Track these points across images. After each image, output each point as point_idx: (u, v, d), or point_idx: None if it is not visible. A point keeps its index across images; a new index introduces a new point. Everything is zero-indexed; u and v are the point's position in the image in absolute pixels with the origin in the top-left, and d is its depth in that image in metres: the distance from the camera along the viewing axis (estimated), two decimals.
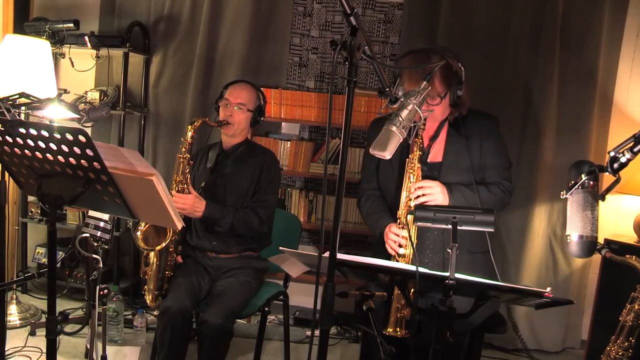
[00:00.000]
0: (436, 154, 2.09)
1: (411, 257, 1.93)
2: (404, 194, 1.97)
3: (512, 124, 3.23)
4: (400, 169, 2.04)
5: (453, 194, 1.98)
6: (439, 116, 2.05)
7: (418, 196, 1.93)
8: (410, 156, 1.97)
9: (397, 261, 1.95)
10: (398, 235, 1.96)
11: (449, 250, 1.41)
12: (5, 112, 1.75)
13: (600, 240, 1.76)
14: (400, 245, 1.95)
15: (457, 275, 1.37)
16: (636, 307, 1.69)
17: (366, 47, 1.21)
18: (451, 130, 2.08)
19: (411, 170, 1.96)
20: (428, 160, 2.07)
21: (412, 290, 1.71)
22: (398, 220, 1.99)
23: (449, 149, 2.07)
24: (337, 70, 3.55)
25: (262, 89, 2.69)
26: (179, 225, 1.62)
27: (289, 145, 3.51)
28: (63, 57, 3.42)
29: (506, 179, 2.11)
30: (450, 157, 2.06)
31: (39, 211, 3.56)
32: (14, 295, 3.23)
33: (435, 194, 1.94)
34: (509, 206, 2.19)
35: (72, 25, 3.29)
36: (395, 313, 1.83)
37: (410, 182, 1.95)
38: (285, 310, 2.72)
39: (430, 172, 2.05)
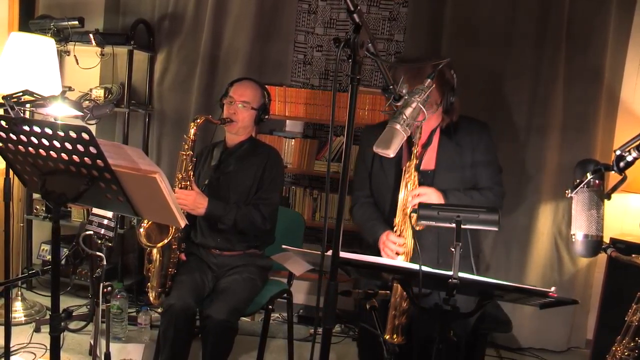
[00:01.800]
0: (428, 162, 2.11)
1: (412, 250, 1.95)
2: (400, 202, 1.98)
3: (517, 123, 3.21)
4: (396, 175, 2.07)
5: (449, 201, 2.00)
6: (432, 123, 2.08)
7: (415, 205, 1.94)
8: (407, 164, 1.99)
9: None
10: (395, 244, 1.97)
11: (452, 249, 1.40)
12: (9, 110, 1.75)
13: (606, 239, 1.75)
14: (397, 254, 1.97)
15: (461, 275, 1.36)
16: None
17: (370, 45, 1.20)
18: (443, 137, 2.10)
19: (408, 179, 1.97)
20: (421, 168, 2.08)
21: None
22: (395, 228, 2.00)
23: (441, 157, 2.10)
24: (341, 67, 3.55)
25: (266, 86, 2.68)
26: (182, 223, 1.62)
27: (293, 143, 3.50)
28: (68, 55, 3.44)
29: (497, 184, 2.15)
30: (443, 164, 2.09)
31: (44, 208, 3.58)
32: (19, 292, 3.24)
33: (432, 200, 1.96)
34: (503, 209, 2.19)
35: (76, 23, 3.29)
36: (393, 320, 1.86)
37: (407, 190, 1.97)
38: (289, 308, 2.72)
39: (423, 179, 2.06)
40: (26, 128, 1.47)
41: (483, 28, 3.24)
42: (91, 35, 3.35)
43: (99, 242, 1.98)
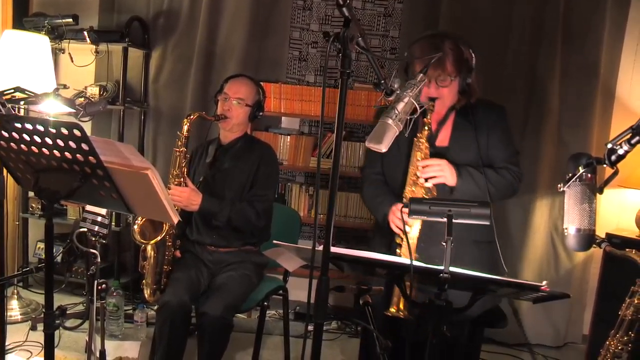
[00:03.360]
0: (443, 139, 2.08)
1: (417, 239, 1.91)
2: (410, 171, 1.96)
3: (513, 118, 3.17)
4: (408, 150, 2.02)
5: (461, 174, 1.96)
6: (448, 101, 2.03)
7: (428, 178, 1.92)
8: (418, 135, 1.96)
9: (401, 244, 1.93)
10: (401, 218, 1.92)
11: (443, 243, 1.40)
12: (1, 107, 1.75)
13: (602, 234, 1.75)
14: (406, 224, 1.90)
15: (452, 269, 1.36)
16: (636, 302, 1.67)
17: (360, 39, 1.20)
18: (459, 117, 2.06)
19: (418, 149, 1.95)
20: (435, 144, 2.06)
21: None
22: (404, 199, 1.96)
23: (455, 135, 2.06)
24: (323, 58, 3.55)
25: (262, 83, 2.68)
26: (175, 219, 1.62)
27: (289, 140, 3.50)
28: (62, 53, 3.42)
29: (514, 164, 2.09)
30: (457, 142, 2.05)
31: (40, 207, 3.57)
32: (15, 291, 3.24)
33: (444, 171, 1.94)
34: (517, 193, 2.16)
35: (71, 20, 3.28)
36: (399, 293, 1.78)
37: (418, 160, 1.94)
38: (285, 305, 2.72)
39: (436, 156, 2.02)
40: (18, 125, 1.47)
41: (479, 24, 3.24)
42: (86, 33, 3.34)
43: (93, 239, 1.97)
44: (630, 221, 3.07)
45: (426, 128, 1.94)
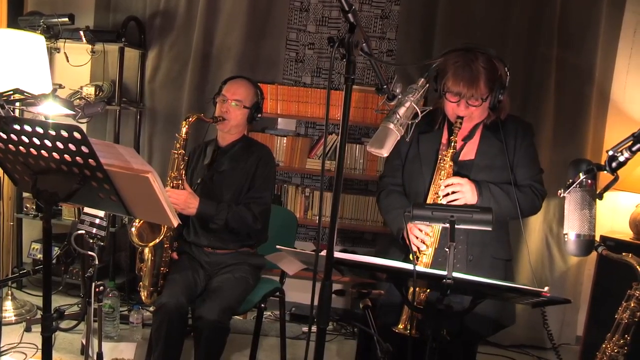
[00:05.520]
0: (468, 153, 2.03)
1: (432, 256, 1.88)
2: (432, 190, 1.94)
3: None
4: (433, 164, 2.00)
5: (482, 192, 1.93)
6: (477, 118, 2.00)
7: (447, 194, 1.90)
8: (443, 153, 1.94)
9: (418, 257, 1.90)
10: (422, 231, 1.91)
11: (446, 249, 1.40)
12: None
13: (597, 237, 1.76)
14: (423, 242, 1.90)
15: (455, 275, 1.37)
16: (632, 305, 1.68)
17: (364, 45, 1.20)
18: (486, 132, 2.02)
19: (442, 167, 1.93)
20: (459, 159, 2.02)
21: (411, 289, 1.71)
22: None
23: (482, 149, 2.02)
24: (333, 65, 3.54)
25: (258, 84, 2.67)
26: (175, 222, 1.61)
27: (285, 141, 3.50)
28: (58, 52, 3.40)
29: (537, 182, 2.05)
30: (483, 156, 2.01)
31: (34, 207, 3.55)
32: (9, 292, 3.22)
33: (465, 192, 1.90)
34: (539, 211, 2.13)
35: (67, 19, 3.26)
36: (409, 311, 1.77)
37: (441, 179, 1.92)
38: (282, 306, 2.72)
39: (460, 170, 1.99)
40: (17, 127, 1.46)
41: (475, 27, 3.26)
42: (82, 32, 3.32)
43: (91, 241, 1.96)
44: (624, 223, 3.09)
45: (451, 146, 1.91)
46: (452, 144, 1.91)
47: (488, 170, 1.98)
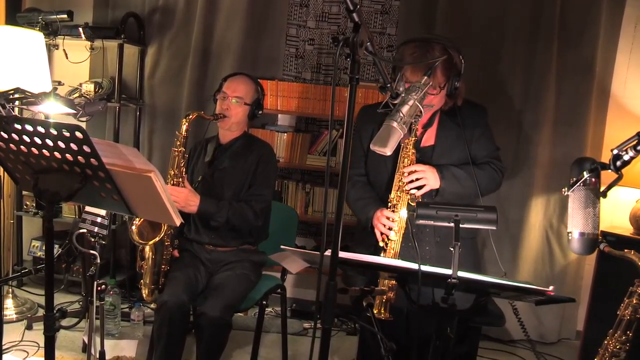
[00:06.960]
0: (428, 139, 2.14)
1: (400, 244, 1.97)
2: (396, 177, 2.01)
3: (509, 116, 3.23)
4: (394, 153, 2.05)
5: (444, 175, 2.04)
6: (436, 106, 2.07)
7: (412, 180, 1.99)
8: (405, 141, 2.01)
9: (386, 246, 1.98)
10: (389, 219, 1.99)
11: (451, 249, 1.40)
12: (0, 108, 1.72)
13: None
14: (390, 229, 1.98)
15: (460, 274, 1.37)
16: (634, 302, 1.68)
17: (369, 44, 1.20)
18: (444, 117, 2.12)
19: (405, 155, 2.00)
20: (420, 146, 2.11)
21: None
22: (389, 204, 2.01)
23: (441, 134, 2.12)
24: (333, 61, 3.53)
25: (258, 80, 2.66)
26: (178, 221, 1.61)
27: (285, 137, 3.49)
28: (57, 49, 3.38)
29: (496, 158, 2.19)
30: (443, 141, 2.12)
31: (34, 204, 3.53)
32: (10, 290, 3.21)
33: (428, 177, 2.00)
34: (501, 186, 2.26)
35: (65, 16, 3.23)
36: (381, 295, 1.86)
37: (404, 167, 2.00)
38: (283, 303, 2.72)
39: (422, 156, 2.09)
40: (18, 127, 1.45)
41: (476, 22, 3.24)
42: (80, 29, 3.30)
43: (93, 240, 1.96)
44: (624, 219, 3.09)
45: (412, 134, 1.99)
46: (413, 131, 1.98)
47: (448, 154, 2.10)
